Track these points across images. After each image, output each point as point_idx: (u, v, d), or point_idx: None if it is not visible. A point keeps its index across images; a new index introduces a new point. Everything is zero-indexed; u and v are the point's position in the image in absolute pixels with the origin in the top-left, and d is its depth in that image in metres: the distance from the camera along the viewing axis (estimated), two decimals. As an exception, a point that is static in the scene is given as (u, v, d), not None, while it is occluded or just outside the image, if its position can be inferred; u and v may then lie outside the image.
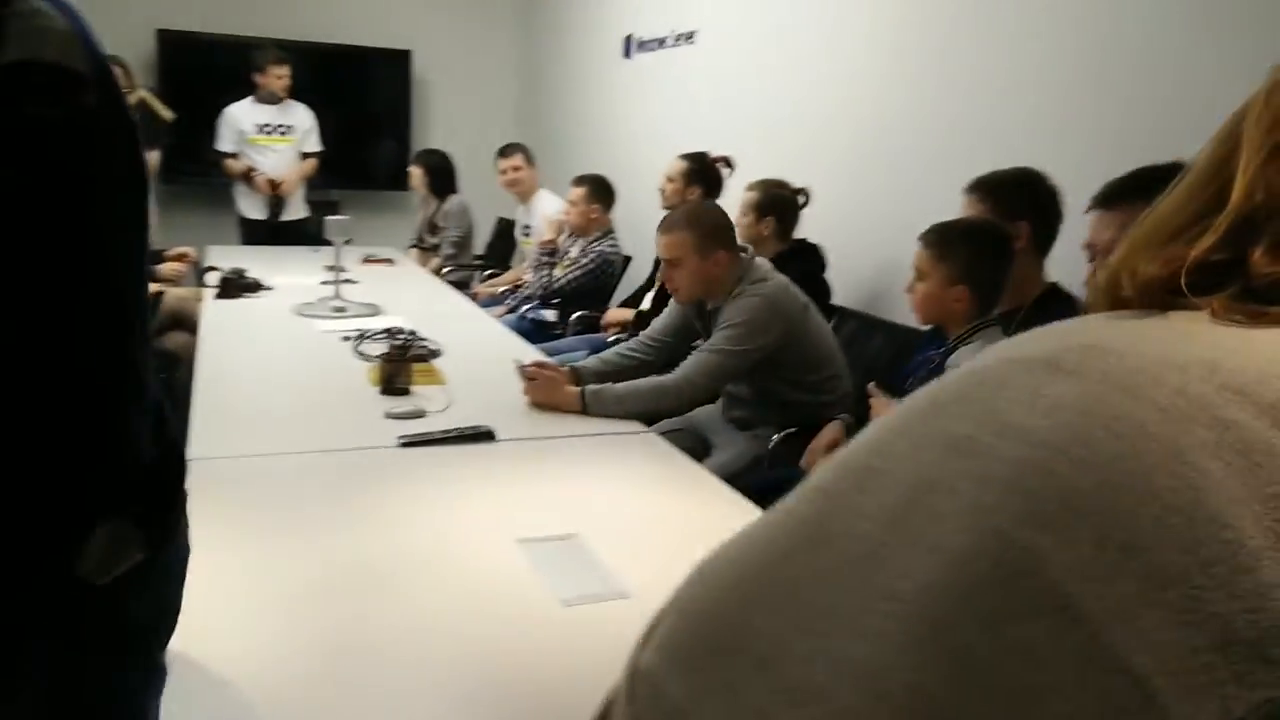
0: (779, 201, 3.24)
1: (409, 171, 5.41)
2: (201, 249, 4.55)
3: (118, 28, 5.40)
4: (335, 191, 6.06)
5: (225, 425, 2.12)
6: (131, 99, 3.99)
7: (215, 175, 5.27)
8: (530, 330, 3.85)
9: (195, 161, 5.51)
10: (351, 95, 6.49)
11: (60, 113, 0.76)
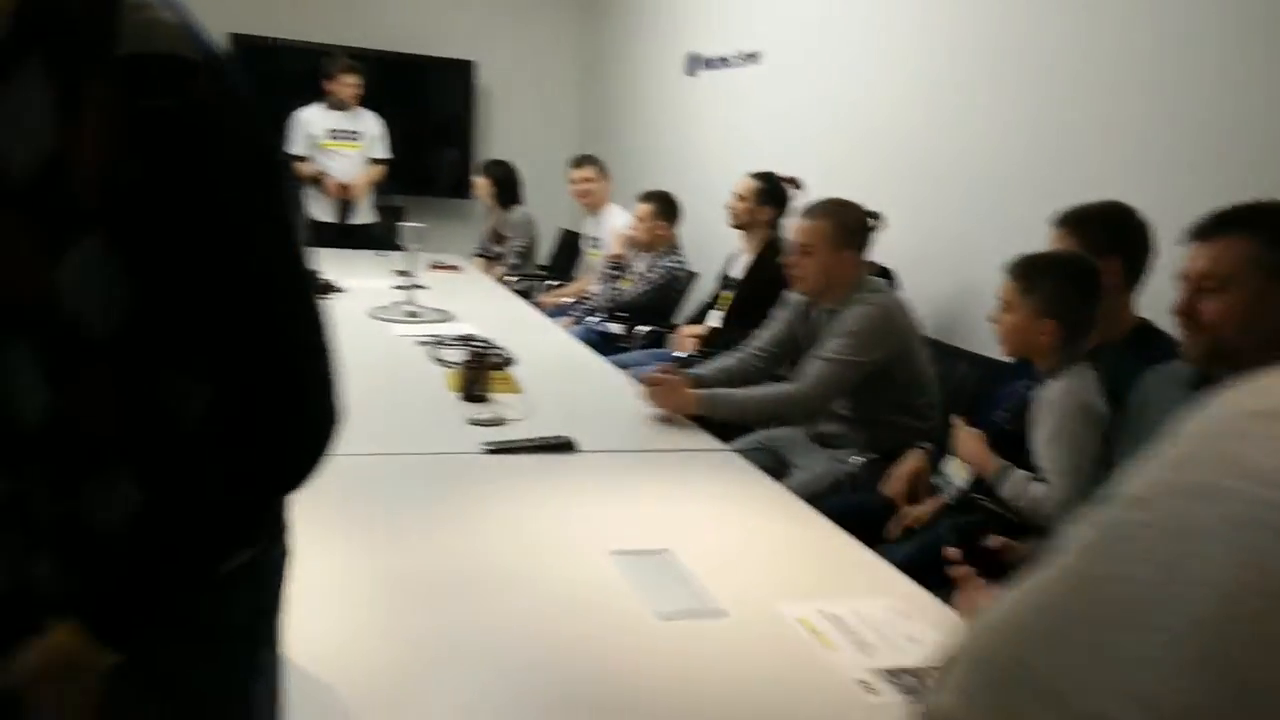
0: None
1: (474, 181, 5.48)
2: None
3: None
4: (399, 197, 6.16)
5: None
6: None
7: (286, 177, 5.38)
8: (596, 342, 3.88)
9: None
10: (416, 103, 6.60)
11: (176, 102, 0.78)
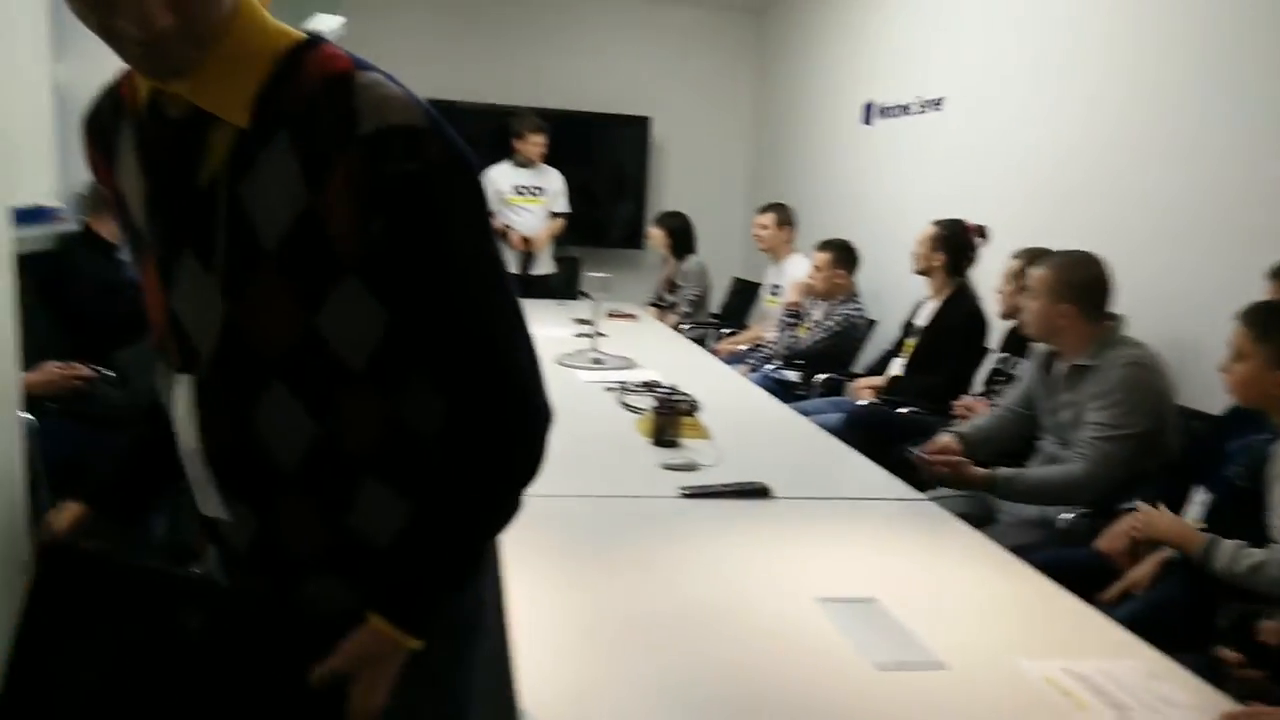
0: None
1: (650, 232, 5.62)
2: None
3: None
4: (575, 248, 6.37)
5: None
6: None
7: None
8: (773, 389, 3.87)
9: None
10: (593, 158, 6.84)
11: (415, 166, 0.88)
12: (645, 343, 4.07)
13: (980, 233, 3.76)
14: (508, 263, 4.72)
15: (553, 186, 5.61)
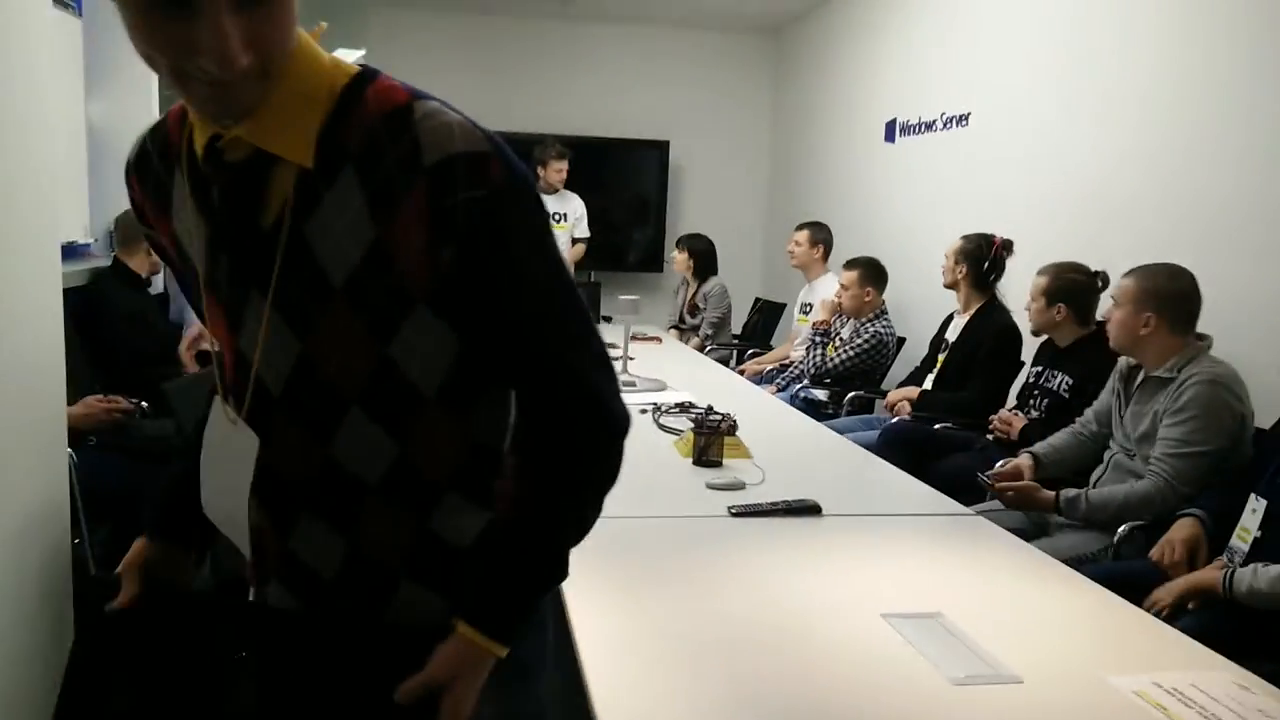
0: (1071, 287, 3.11)
1: (673, 255, 5.63)
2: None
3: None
4: (594, 273, 6.38)
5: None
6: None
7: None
8: (803, 408, 3.86)
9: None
10: (611, 183, 6.87)
11: (483, 191, 0.88)
12: (672, 365, 4.07)
13: (1006, 247, 3.75)
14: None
15: (574, 212, 5.65)
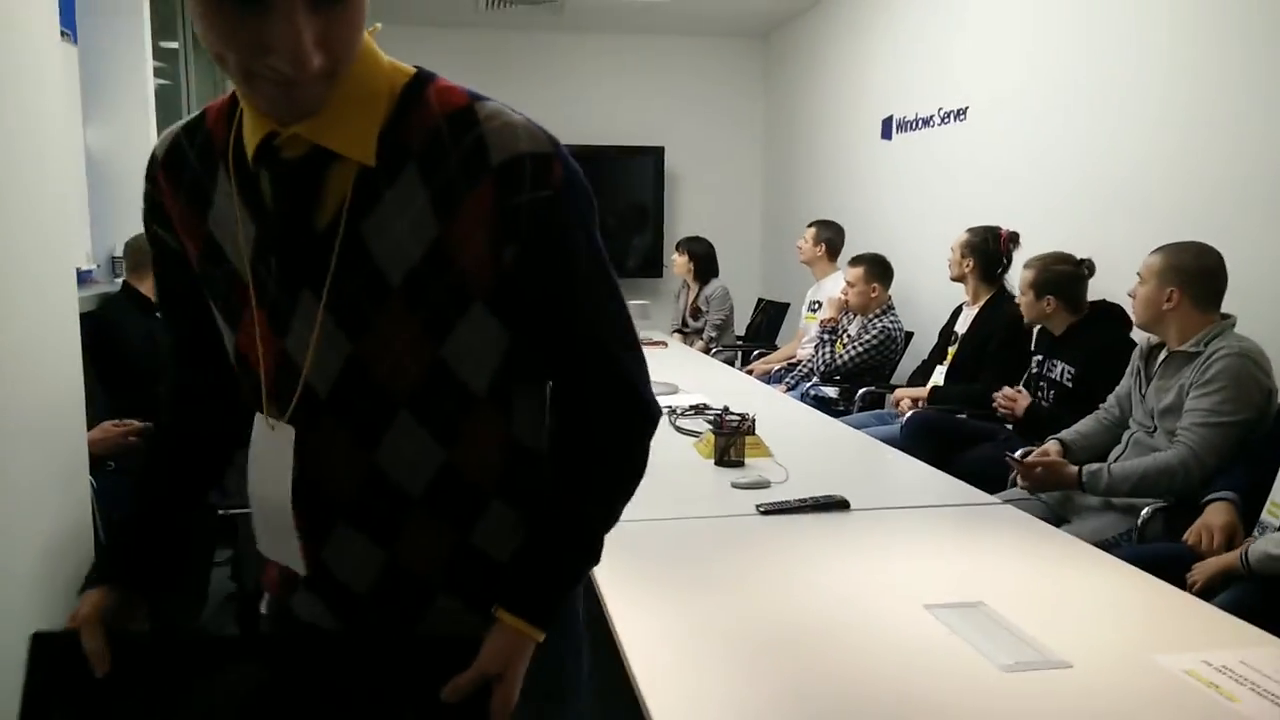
0: (1058, 278, 3.15)
1: (673, 259, 5.64)
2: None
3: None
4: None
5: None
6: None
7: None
8: (814, 406, 3.87)
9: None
10: (608, 190, 6.88)
11: (547, 191, 0.90)
12: (681, 368, 4.07)
13: (1013, 239, 3.77)
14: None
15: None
